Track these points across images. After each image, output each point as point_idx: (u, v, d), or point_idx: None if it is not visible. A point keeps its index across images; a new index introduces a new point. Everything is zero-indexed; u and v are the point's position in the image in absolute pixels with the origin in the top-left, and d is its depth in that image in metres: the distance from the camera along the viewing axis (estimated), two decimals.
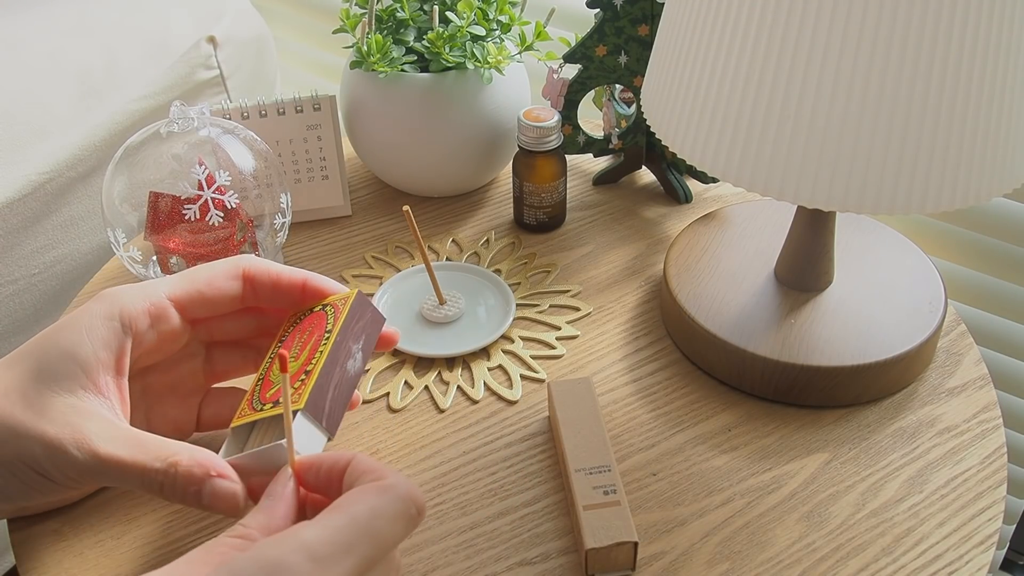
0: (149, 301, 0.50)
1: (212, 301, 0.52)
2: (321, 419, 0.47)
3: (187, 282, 0.52)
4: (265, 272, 0.53)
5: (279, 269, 0.53)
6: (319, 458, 0.43)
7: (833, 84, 0.47)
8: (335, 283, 0.54)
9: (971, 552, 0.51)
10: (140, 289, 0.51)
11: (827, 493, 0.55)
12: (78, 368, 0.47)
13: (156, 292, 0.51)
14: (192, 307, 0.52)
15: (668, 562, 0.51)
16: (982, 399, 0.61)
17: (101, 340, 0.48)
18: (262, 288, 0.53)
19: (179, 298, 0.51)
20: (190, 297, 0.52)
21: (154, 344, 0.51)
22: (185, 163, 0.65)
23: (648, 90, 0.59)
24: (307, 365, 0.49)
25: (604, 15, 0.73)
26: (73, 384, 0.47)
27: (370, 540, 0.37)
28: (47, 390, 0.47)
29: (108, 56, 0.93)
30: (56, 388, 0.47)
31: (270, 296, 0.54)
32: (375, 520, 0.37)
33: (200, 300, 0.52)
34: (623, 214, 0.79)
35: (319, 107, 0.75)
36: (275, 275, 0.53)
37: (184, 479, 0.46)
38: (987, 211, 0.78)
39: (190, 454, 0.46)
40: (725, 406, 0.61)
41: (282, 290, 0.53)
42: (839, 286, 0.64)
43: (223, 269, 0.53)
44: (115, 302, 0.49)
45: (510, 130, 0.77)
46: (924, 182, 0.49)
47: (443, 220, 0.79)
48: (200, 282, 0.52)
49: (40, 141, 0.85)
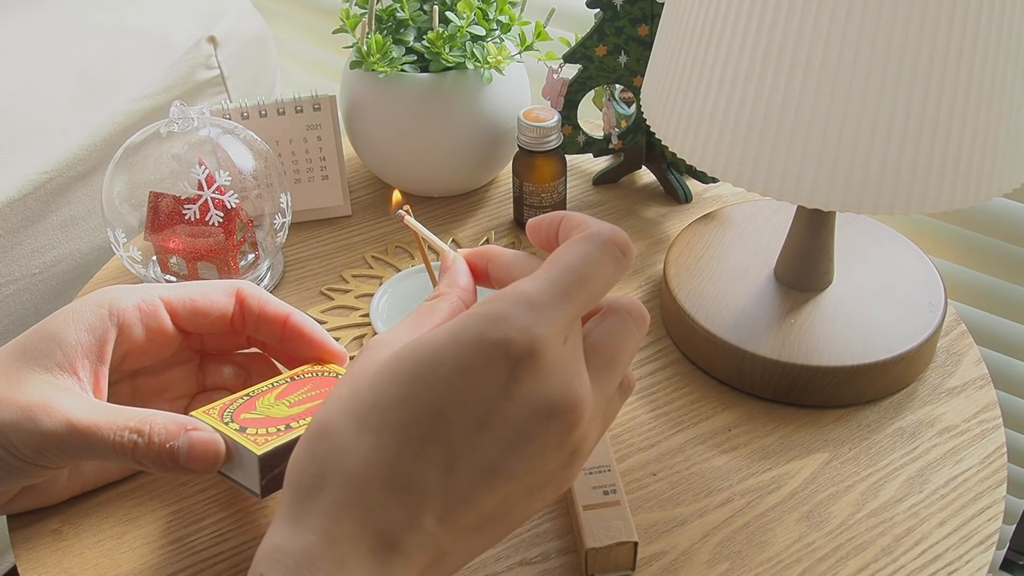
0: (140, 298, 0.51)
1: (203, 311, 0.53)
2: (264, 476, 0.46)
3: (181, 288, 0.53)
4: (255, 298, 0.54)
5: (268, 299, 0.54)
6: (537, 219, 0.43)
7: (833, 84, 0.47)
8: (321, 329, 0.55)
9: (971, 552, 0.51)
10: (135, 287, 0.52)
11: (827, 493, 0.55)
12: (56, 348, 0.48)
13: (149, 292, 0.52)
14: (184, 313, 0.53)
15: (668, 562, 0.51)
16: (982, 399, 0.61)
17: (85, 324, 0.49)
18: (249, 313, 0.54)
19: (171, 301, 0.52)
20: (182, 302, 0.52)
21: (142, 343, 0.52)
22: (185, 163, 0.65)
23: (648, 90, 0.59)
24: (294, 420, 0.48)
25: (604, 15, 0.73)
26: (49, 362, 0.48)
27: (582, 284, 0.37)
28: (24, 366, 0.48)
29: (108, 56, 0.93)
30: (33, 365, 0.48)
31: (255, 323, 0.54)
32: (584, 266, 0.37)
33: (192, 307, 0.53)
34: (623, 214, 0.79)
35: (319, 107, 0.75)
36: (263, 302, 0.54)
37: (159, 435, 0.46)
38: (987, 211, 0.78)
39: (162, 414, 0.47)
40: (725, 406, 0.61)
41: (267, 319, 0.54)
42: (839, 286, 0.64)
43: (218, 285, 0.54)
44: (107, 293, 0.51)
45: (510, 130, 0.77)
46: (924, 182, 0.49)
47: (443, 220, 0.79)
48: (194, 291, 0.53)
49: (40, 141, 0.85)
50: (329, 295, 0.71)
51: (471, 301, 0.43)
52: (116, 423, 0.46)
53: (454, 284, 0.43)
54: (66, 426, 0.46)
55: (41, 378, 0.47)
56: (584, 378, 0.37)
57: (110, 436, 0.46)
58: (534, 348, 0.35)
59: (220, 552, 0.52)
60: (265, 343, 0.57)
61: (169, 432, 0.46)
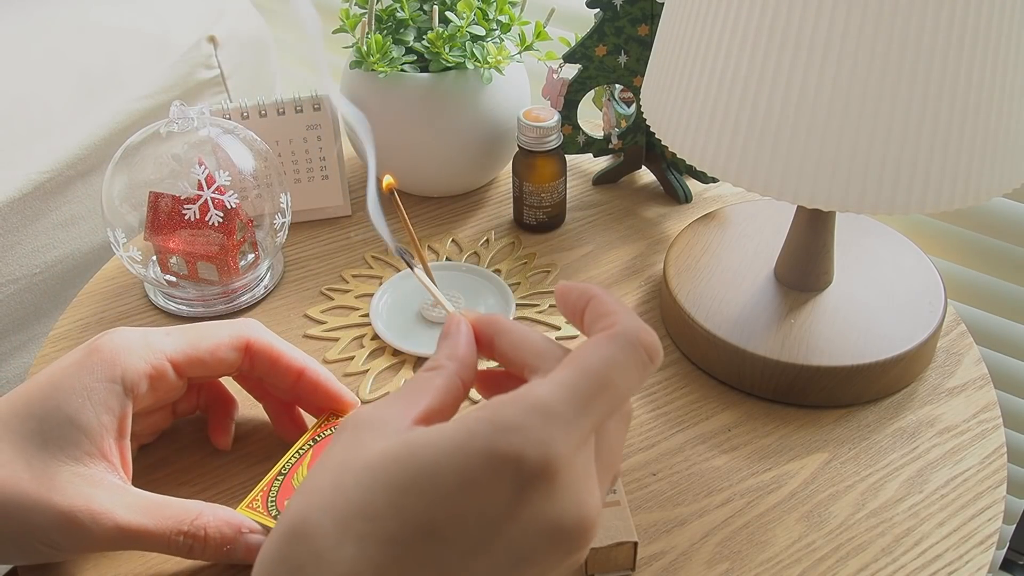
0: (151, 364, 0.49)
1: (211, 368, 0.52)
2: None
3: (190, 347, 0.51)
4: (267, 349, 0.53)
5: (281, 349, 0.53)
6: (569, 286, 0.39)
7: (833, 84, 0.47)
8: (334, 379, 0.54)
9: (971, 552, 0.51)
10: (141, 347, 0.49)
11: (827, 493, 0.55)
12: (82, 435, 0.46)
13: (158, 354, 0.50)
14: (191, 370, 0.51)
15: (668, 562, 0.51)
16: (982, 399, 0.61)
17: (103, 405, 0.47)
18: (260, 363, 0.53)
19: (179, 362, 0.51)
20: (190, 362, 0.51)
21: (149, 401, 0.51)
22: (185, 163, 0.65)
23: (648, 90, 0.59)
24: None
25: (604, 15, 0.73)
26: (78, 452, 0.46)
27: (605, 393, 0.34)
28: (52, 459, 0.45)
29: (108, 56, 0.93)
30: (61, 457, 0.46)
31: (266, 372, 0.53)
32: (608, 371, 0.34)
33: (200, 365, 0.52)
34: (623, 214, 0.79)
35: (319, 107, 0.75)
36: (276, 354, 0.53)
37: (216, 541, 0.46)
38: (987, 211, 0.78)
39: (213, 513, 0.47)
40: (725, 406, 0.61)
41: (280, 372, 0.53)
42: (839, 286, 0.64)
43: (228, 340, 0.52)
44: (116, 363, 0.48)
45: (510, 130, 0.77)
46: (924, 182, 0.49)
47: (443, 220, 0.79)
48: (203, 351, 0.51)
49: (40, 140, 0.85)
50: (329, 295, 0.71)
51: (470, 379, 0.39)
52: (167, 527, 0.46)
53: (453, 356, 0.39)
54: (115, 531, 0.45)
55: (73, 471, 0.45)
56: (596, 493, 0.34)
57: (163, 539, 0.46)
58: (548, 467, 0.32)
59: None
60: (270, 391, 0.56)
61: (224, 537, 0.47)
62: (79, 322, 0.70)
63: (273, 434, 0.58)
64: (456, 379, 0.38)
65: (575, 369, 0.34)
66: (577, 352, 0.35)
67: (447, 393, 0.38)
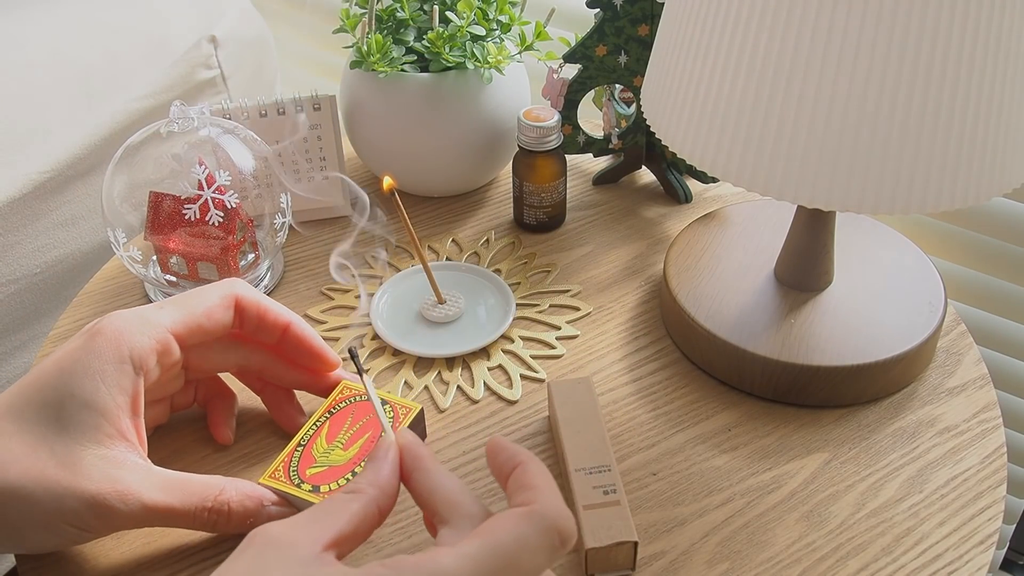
0: (155, 339, 0.50)
1: (209, 332, 0.53)
2: None
3: (186, 314, 0.52)
4: (254, 304, 0.54)
5: (267, 304, 0.54)
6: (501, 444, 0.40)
7: (833, 84, 0.47)
8: (318, 337, 0.56)
9: (971, 552, 0.51)
10: (142, 324, 0.50)
11: (827, 493, 0.55)
12: (100, 418, 0.47)
13: (159, 327, 0.50)
14: (191, 338, 0.52)
15: (668, 562, 0.51)
16: (982, 399, 0.61)
17: (116, 386, 0.48)
18: (248, 319, 0.54)
19: (180, 332, 0.51)
20: (190, 330, 0.52)
21: (156, 378, 0.51)
22: (185, 163, 0.65)
23: (648, 90, 0.59)
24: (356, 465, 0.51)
25: (604, 15, 0.73)
26: (99, 434, 0.47)
27: (509, 572, 0.35)
28: (75, 444, 0.46)
29: (108, 56, 0.93)
30: (84, 441, 0.46)
31: (254, 329, 0.55)
32: (518, 551, 0.35)
33: (199, 332, 0.52)
34: (623, 214, 0.79)
35: (319, 107, 0.75)
36: (263, 309, 0.54)
37: (239, 515, 0.48)
38: (987, 211, 0.78)
39: (236, 488, 0.49)
40: (725, 406, 0.61)
41: (267, 327, 0.55)
42: (839, 286, 0.64)
43: (219, 300, 0.53)
44: (121, 343, 0.48)
45: (510, 130, 0.77)
46: (924, 182, 0.49)
47: (443, 220, 0.79)
48: (199, 315, 0.52)
49: (40, 141, 0.85)
50: (329, 295, 0.71)
51: (388, 507, 0.40)
52: (192, 503, 0.47)
53: (375, 483, 0.40)
54: (143, 510, 0.46)
55: (96, 454, 0.46)
56: None
57: (189, 516, 0.47)
58: None
59: (220, 552, 0.52)
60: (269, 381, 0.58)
61: (248, 511, 0.49)
62: (79, 322, 0.70)
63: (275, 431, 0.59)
64: (373, 506, 0.39)
65: (484, 544, 0.35)
66: (489, 525, 0.36)
67: (362, 520, 0.38)
